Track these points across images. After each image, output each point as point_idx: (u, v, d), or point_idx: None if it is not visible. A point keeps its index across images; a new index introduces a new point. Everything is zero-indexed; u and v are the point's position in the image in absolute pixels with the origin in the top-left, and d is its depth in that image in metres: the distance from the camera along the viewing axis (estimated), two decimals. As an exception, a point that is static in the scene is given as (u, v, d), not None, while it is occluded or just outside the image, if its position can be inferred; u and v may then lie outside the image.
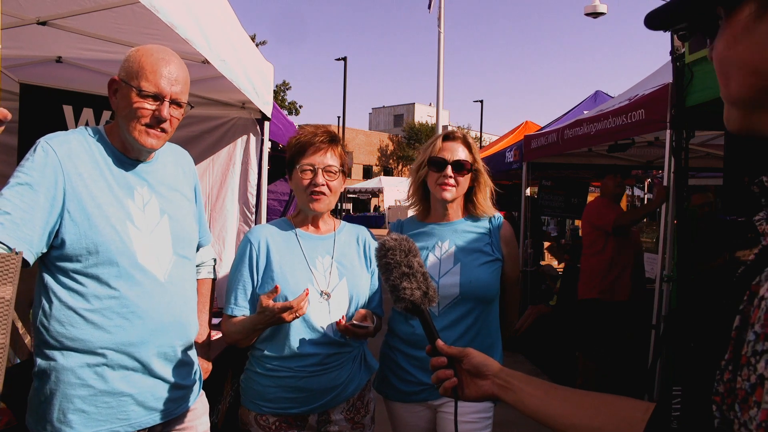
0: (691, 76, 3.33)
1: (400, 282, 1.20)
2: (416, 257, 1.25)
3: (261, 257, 1.88)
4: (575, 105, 8.88)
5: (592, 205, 4.91)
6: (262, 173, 3.75)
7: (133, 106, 1.57)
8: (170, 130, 1.66)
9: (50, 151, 1.50)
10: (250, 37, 3.37)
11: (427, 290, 1.21)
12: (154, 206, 1.67)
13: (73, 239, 1.49)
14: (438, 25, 9.11)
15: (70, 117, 3.24)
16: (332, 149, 1.92)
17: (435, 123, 9.61)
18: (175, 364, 1.68)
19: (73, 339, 1.50)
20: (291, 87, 42.01)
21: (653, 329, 3.66)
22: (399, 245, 1.24)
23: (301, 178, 1.88)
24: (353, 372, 1.92)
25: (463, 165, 2.03)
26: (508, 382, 1.05)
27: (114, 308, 1.53)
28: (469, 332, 2.00)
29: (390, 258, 1.23)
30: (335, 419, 1.91)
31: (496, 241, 2.09)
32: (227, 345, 2.79)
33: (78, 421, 1.50)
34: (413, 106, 58.99)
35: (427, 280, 1.23)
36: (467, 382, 1.11)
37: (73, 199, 1.50)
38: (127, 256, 1.56)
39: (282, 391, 1.83)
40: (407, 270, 1.21)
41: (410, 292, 1.19)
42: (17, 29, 2.69)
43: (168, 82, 1.59)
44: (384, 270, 1.24)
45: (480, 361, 1.09)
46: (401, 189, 32.24)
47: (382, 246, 1.26)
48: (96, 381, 1.52)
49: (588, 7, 10.57)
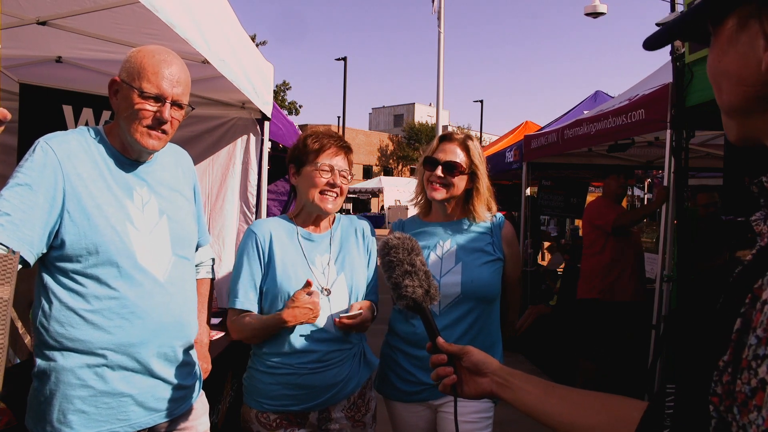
0: (691, 76, 3.33)
1: (402, 280, 1.22)
2: (418, 256, 1.26)
3: (266, 250, 1.90)
4: (575, 105, 8.88)
5: (592, 204, 4.91)
6: (262, 173, 3.75)
7: (134, 107, 1.56)
8: (171, 131, 1.66)
9: (49, 151, 1.50)
10: (250, 37, 3.36)
11: (429, 288, 1.23)
12: (153, 207, 1.67)
13: (73, 239, 1.49)
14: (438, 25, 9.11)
15: (70, 117, 3.23)
16: (346, 154, 1.99)
17: (435, 123, 9.62)
18: (176, 365, 1.69)
19: (72, 339, 1.50)
20: (291, 87, 42.05)
21: (653, 329, 3.66)
22: (402, 243, 1.25)
23: (319, 176, 1.90)
24: (353, 369, 1.92)
25: (455, 167, 2.02)
26: (507, 381, 1.06)
27: (114, 309, 1.53)
28: (469, 331, 2.00)
29: (393, 256, 1.24)
30: (336, 417, 1.91)
31: (497, 240, 2.09)
32: (227, 345, 2.79)
33: (78, 422, 1.50)
34: (413, 106, 58.98)
35: (429, 279, 1.24)
36: (467, 380, 1.12)
37: (73, 199, 1.50)
38: (127, 256, 1.55)
39: (283, 388, 1.84)
40: (410, 268, 1.23)
41: (412, 290, 1.21)
42: (17, 29, 2.68)
43: (170, 83, 1.59)
44: (386, 268, 1.26)
45: (480, 359, 1.10)
46: (401, 189, 32.25)
47: (385, 244, 1.27)
48: (96, 381, 1.52)
49: (588, 7, 10.57)
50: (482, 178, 2.08)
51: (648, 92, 3.98)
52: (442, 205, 2.10)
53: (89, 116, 3.26)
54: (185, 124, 3.80)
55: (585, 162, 6.67)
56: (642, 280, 4.55)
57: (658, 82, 4.05)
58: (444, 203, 2.09)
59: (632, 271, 4.38)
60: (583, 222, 4.80)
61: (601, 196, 4.97)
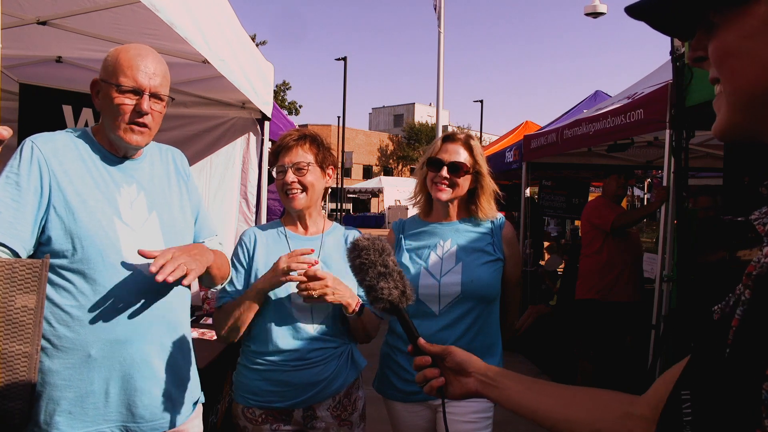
0: (691, 75, 3.33)
1: (377, 282, 1.17)
2: (390, 256, 1.22)
3: (248, 256, 1.95)
4: (575, 105, 8.87)
5: (592, 204, 4.91)
6: (262, 173, 3.76)
7: (114, 102, 1.57)
8: (153, 124, 1.64)
9: (35, 148, 1.52)
10: (250, 37, 3.36)
11: (405, 289, 1.19)
12: (142, 203, 1.66)
13: (59, 234, 1.50)
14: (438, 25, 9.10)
15: (70, 117, 3.24)
16: (301, 146, 1.94)
17: (435, 123, 9.61)
18: (165, 364, 1.65)
19: (60, 337, 1.49)
20: (291, 87, 42.04)
21: (653, 329, 3.66)
22: (372, 245, 1.21)
23: (279, 178, 1.94)
24: (339, 368, 1.93)
25: (460, 167, 2.03)
26: (493, 379, 1.05)
27: (99, 304, 1.52)
28: (469, 331, 2.00)
29: (365, 258, 1.20)
30: (321, 415, 1.92)
31: (497, 241, 2.10)
32: (226, 345, 2.79)
33: (64, 423, 1.50)
34: (413, 106, 58.99)
35: (404, 279, 1.20)
36: (451, 380, 1.10)
37: (59, 195, 1.51)
38: (114, 251, 1.54)
39: (266, 384, 1.87)
40: (383, 269, 1.18)
41: (388, 291, 1.16)
42: (17, 29, 2.69)
43: (145, 75, 1.59)
44: (358, 271, 1.21)
45: (463, 359, 1.08)
46: (401, 189, 32.27)
47: (355, 246, 1.22)
48: (82, 382, 1.51)
49: (588, 7, 10.57)
50: (486, 176, 2.09)
51: (647, 92, 3.98)
52: (444, 206, 2.11)
53: (89, 116, 3.26)
54: (185, 124, 3.83)
55: (584, 162, 6.67)
56: (640, 280, 4.55)
57: (657, 81, 4.05)
58: (447, 204, 2.09)
59: (631, 272, 4.38)
60: (582, 221, 4.79)
61: (600, 195, 4.97)
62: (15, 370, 1.32)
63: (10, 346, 1.30)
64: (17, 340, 1.31)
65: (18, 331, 1.31)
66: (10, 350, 1.30)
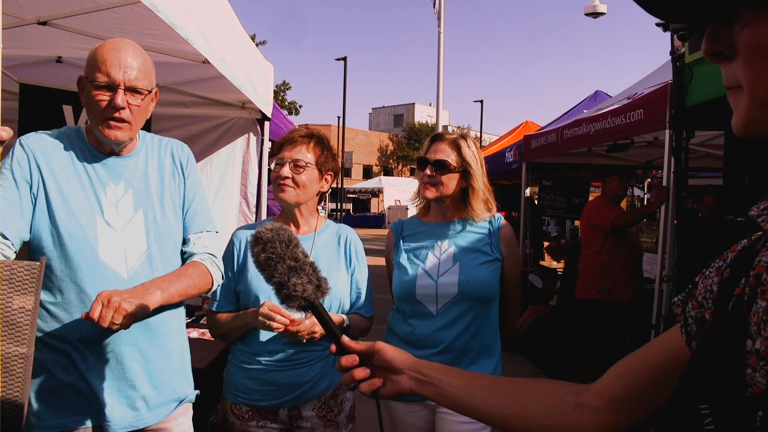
0: (691, 75, 3.33)
1: (288, 278, 1.03)
2: (298, 247, 1.07)
3: (240, 254, 1.96)
4: (575, 105, 8.86)
5: (591, 204, 4.91)
6: (263, 173, 3.76)
7: (92, 99, 1.57)
8: (133, 119, 1.62)
9: (25, 146, 1.58)
10: (250, 37, 3.36)
11: (319, 282, 1.06)
12: (128, 201, 1.66)
13: (40, 230, 1.54)
14: (438, 25, 9.09)
15: (70, 117, 3.24)
16: (305, 143, 1.93)
17: (435, 123, 9.60)
18: (140, 366, 1.65)
19: (40, 331, 1.52)
20: (291, 87, 42.02)
21: (653, 329, 3.66)
22: (277, 236, 1.05)
23: (273, 171, 1.94)
24: (325, 370, 1.93)
25: (444, 164, 2.02)
26: (426, 375, 0.98)
27: (74, 302, 1.55)
28: (467, 332, 2.00)
29: (270, 252, 1.04)
30: (306, 415, 1.93)
31: (495, 241, 2.09)
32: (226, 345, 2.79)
33: (45, 412, 1.55)
34: (413, 106, 58.97)
35: (316, 271, 1.08)
36: (382, 379, 1.01)
37: (42, 193, 1.55)
38: (91, 252, 1.56)
39: (253, 383, 1.90)
40: (293, 263, 1.04)
41: (302, 288, 1.03)
42: (17, 29, 2.69)
43: (118, 69, 1.56)
44: (264, 267, 1.06)
45: (393, 355, 1.00)
46: (401, 189, 32.29)
47: (257, 239, 1.06)
48: (63, 374, 1.56)
49: (588, 7, 10.57)
50: (477, 176, 2.05)
51: (647, 92, 3.98)
52: (438, 205, 2.11)
53: (89, 116, 3.25)
54: (185, 124, 3.84)
55: (584, 162, 6.67)
56: (640, 280, 4.55)
57: (657, 81, 4.05)
58: (440, 203, 2.09)
59: (631, 272, 4.38)
60: (582, 221, 4.79)
61: (600, 196, 4.97)
62: (12, 372, 1.33)
63: (8, 347, 1.30)
64: (15, 341, 1.31)
65: (15, 332, 1.31)
66: (7, 352, 1.30)
